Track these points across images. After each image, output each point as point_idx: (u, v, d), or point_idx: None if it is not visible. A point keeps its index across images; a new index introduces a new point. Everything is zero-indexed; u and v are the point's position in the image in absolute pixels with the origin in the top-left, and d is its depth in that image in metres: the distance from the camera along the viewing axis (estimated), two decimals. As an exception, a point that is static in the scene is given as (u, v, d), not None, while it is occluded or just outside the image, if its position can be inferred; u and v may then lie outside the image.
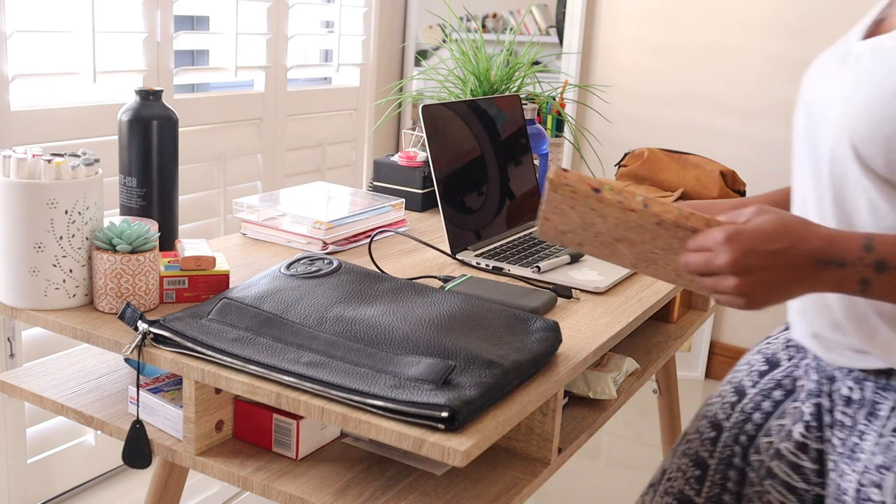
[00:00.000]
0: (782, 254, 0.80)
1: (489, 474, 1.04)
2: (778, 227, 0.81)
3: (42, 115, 1.75)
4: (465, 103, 1.57)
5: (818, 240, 0.81)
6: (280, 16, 2.29)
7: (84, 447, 1.97)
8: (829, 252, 0.81)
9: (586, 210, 0.84)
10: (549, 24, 3.25)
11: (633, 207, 0.82)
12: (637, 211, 0.82)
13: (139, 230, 1.10)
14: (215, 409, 1.04)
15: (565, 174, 0.82)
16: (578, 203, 0.83)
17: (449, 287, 1.22)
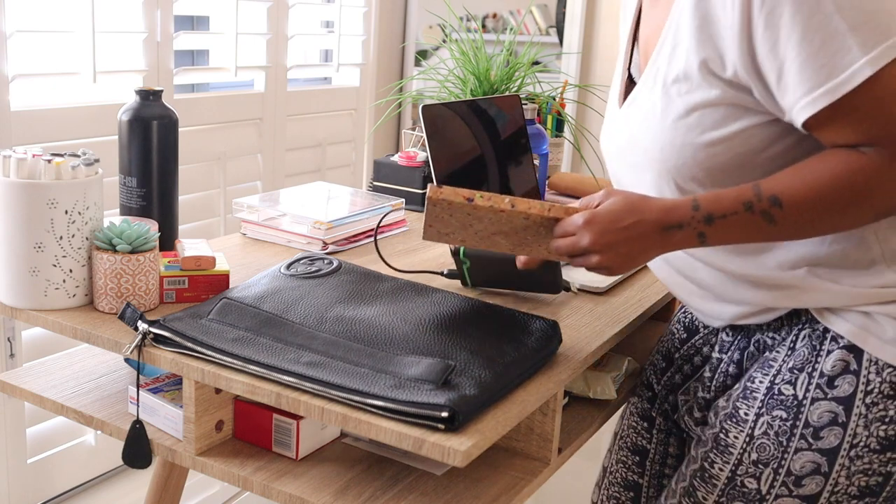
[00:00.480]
0: (632, 227, 0.96)
1: (489, 474, 1.04)
2: (624, 207, 0.97)
3: (42, 115, 1.75)
4: (465, 103, 1.57)
5: (658, 211, 0.97)
6: (280, 16, 2.29)
7: (84, 447, 1.97)
8: (668, 219, 0.96)
9: (463, 215, 0.99)
10: (549, 24, 3.25)
11: (502, 208, 0.97)
12: (506, 211, 0.97)
13: (139, 230, 1.10)
14: (215, 409, 1.04)
15: (440, 190, 0.97)
16: (456, 211, 0.98)
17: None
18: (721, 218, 0.95)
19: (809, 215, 0.94)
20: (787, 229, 0.95)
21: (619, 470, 1.35)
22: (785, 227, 0.95)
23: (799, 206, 0.93)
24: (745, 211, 0.94)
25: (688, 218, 0.96)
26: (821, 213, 0.94)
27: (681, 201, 0.97)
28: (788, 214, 0.94)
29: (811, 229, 0.96)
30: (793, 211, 0.93)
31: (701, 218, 0.95)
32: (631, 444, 1.35)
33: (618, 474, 1.35)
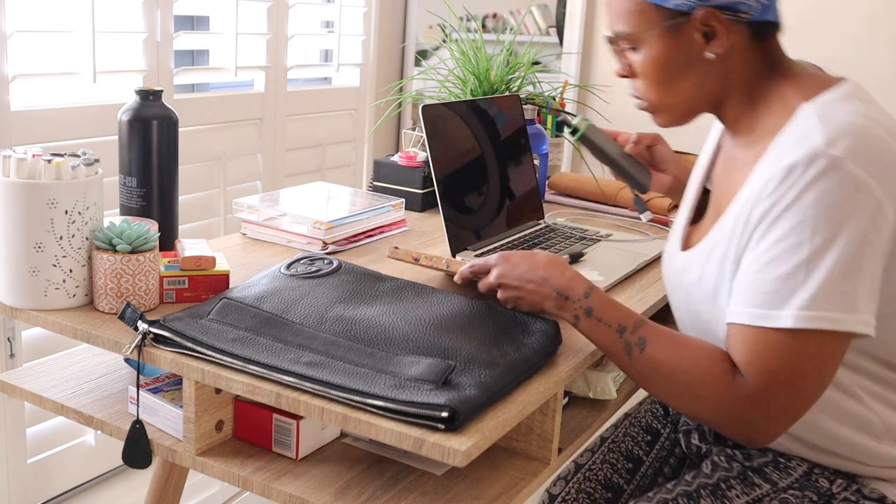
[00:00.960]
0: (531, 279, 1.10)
1: (489, 474, 1.04)
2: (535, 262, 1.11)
3: (42, 115, 1.75)
4: (465, 103, 1.57)
5: (559, 278, 1.09)
6: (280, 16, 2.29)
7: (84, 447, 1.97)
8: (562, 287, 1.08)
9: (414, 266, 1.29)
10: (549, 24, 3.24)
11: (439, 267, 1.23)
12: (442, 269, 1.23)
13: (139, 230, 1.10)
14: (215, 409, 1.04)
15: (396, 251, 1.25)
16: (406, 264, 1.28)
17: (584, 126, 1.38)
18: (597, 320, 1.05)
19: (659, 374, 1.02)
20: (638, 370, 1.04)
21: (604, 470, 1.32)
22: (636, 367, 1.04)
23: (655, 361, 1.02)
24: (616, 331, 1.04)
25: (575, 297, 1.07)
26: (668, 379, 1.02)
27: (583, 281, 1.08)
28: (644, 360, 1.03)
29: (657, 388, 1.04)
30: (649, 360, 1.02)
31: (584, 306, 1.06)
32: (625, 451, 1.33)
33: (601, 473, 1.32)
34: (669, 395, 1.04)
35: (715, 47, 1.05)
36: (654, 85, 1.10)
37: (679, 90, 1.09)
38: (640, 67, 1.10)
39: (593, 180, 1.91)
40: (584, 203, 1.92)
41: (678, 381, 1.01)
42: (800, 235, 0.94)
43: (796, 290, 0.94)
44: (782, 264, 0.95)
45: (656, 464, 1.33)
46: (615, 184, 1.92)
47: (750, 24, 1.06)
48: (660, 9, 1.06)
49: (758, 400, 0.97)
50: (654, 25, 1.06)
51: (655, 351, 1.02)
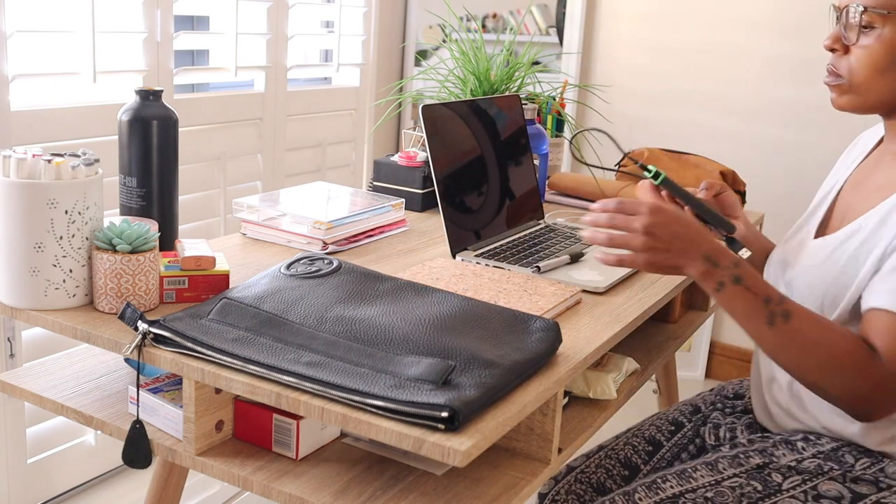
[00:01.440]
0: (684, 237, 1.09)
1: (489, 474, 1.04)
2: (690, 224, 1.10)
3: (42, 115, 1.75)
4: (465, 103, 1.57)
5: (710, 243, 1.10)
6: (280, 16, 2.29)
7: (84, 447, 1.97)
8: (713, 253, 1.09)
9: None
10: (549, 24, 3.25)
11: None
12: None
13: (139, 230, 1.10)
14: (215, 409, 1.04)
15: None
16: None
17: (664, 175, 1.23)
18: (745, 287, 1.08)
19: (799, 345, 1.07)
20: (776, 340, 1.08)
21: (626, 450, 1.42)
22: (777, 337, 1.08)
23: (798, 333, 1.07)
24: (763, 300, 1.07)
25: (725, 264, 1.08)
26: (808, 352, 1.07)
27: (731, 253, 1.11)
28: (786, 331, 1.07)
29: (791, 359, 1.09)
30: (791, 332, 1.07)
31: (732, 274, 1.08)
32: (648, 437, 1.42)
33: (622, 453, 1.41)
34: (806, 368, 1.08)
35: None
36: (871, 67, 1.15)
37: (888, 79, 1.15)
38: (869, 47, 1.14)
39: (593, 180, 1.91)
40: (584, 203, 1.92)
41: (819, 354, 1.06)
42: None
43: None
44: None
45: (675, 449, 1.40)
46: (615, 184, 1.92)
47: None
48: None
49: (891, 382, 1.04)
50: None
51: (800, 323, 1.07)
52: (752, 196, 2.12)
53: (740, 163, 2.69)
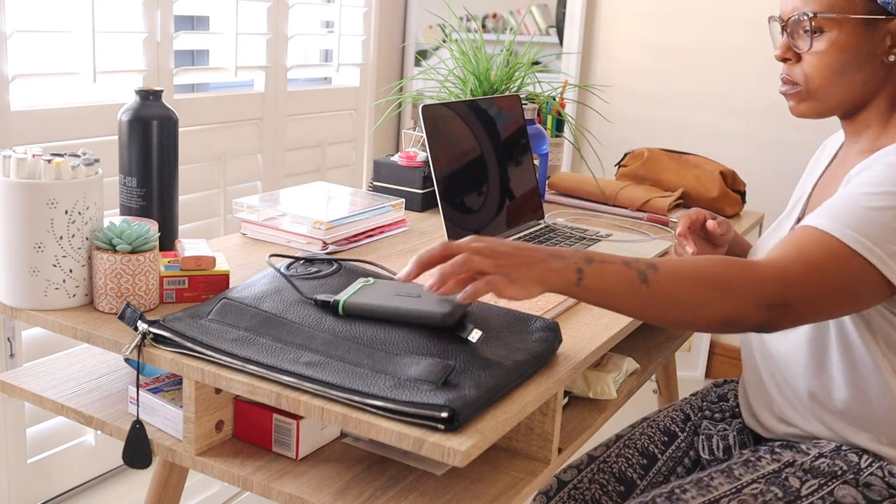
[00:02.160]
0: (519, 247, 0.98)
1: (489, 474, 1.04)
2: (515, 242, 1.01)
3: (42, 115, 1.75)
4: (465, 103, 1.57)
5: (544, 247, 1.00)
6: (280, 16, 2.29)
7: (84, 447, 1.97)
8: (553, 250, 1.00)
9: None
10: (549, 24, 3.24)
11: None
12: None
13: (139, 230, 1.10)
14: (215, 409, 1.04)
15: None
16: None
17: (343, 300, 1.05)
18: (600, 262, 0.98)
19: (682, 288, 0.99)
20: (657, 295, 0.99)
21: (619, 463, 1.36)
22: (656, 292, 0.98)
23: (672, 274, 0.99)
24: (623, 264, 0.99)
25: (569, 254, 0.99)
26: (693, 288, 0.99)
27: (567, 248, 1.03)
28: (661, 281, 0.98)
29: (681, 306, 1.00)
30: (666, 279, 0.99)
31: (583, 257, 0.99)
32: (641, 448, 1.38)
33: (615, 466, 1.36)
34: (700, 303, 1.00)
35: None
36: (825, 69, 1.16)
37: (844, 81, 1.16)
38: (819, 52, 1.15)
39: (593, 180, 1.91)
40: (584, 203, 1.92)
41: (706, 283, 1.00)
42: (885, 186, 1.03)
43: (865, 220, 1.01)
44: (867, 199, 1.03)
45: (670, 462, 1.37)
46: (615, 184, 1.92)
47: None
48: (869, 2, 1.12)
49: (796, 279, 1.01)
50: (855, 14, 1.12)
51: (670, 267, 1.00)
52: (752, 196, 2.12)
53: (740, 163, 2.69)
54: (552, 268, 0.98)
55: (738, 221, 1.88)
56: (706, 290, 1.00)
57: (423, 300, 1.04)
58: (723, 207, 1.89)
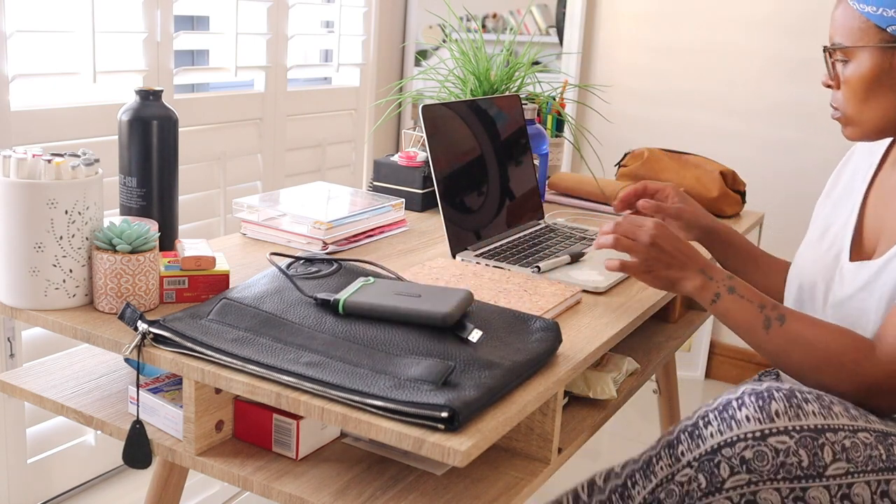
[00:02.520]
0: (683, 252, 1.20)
1: (489, 474, 1.04)
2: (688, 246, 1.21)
3: (42, 115, 1.75)
4: (465, 103, 1.57)
5: (704, 259, 1.20)
6: (280, 16, 2.29)
7: (84, 447, 1.97)
8: (707, 268, 1.19)
9: None
10: (549, 24, 3.24)
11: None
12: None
13: (139, 230, 1.10)
14: (215, 409, 1.04)
15: None
16: None
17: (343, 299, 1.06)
18: (739, 296, 1.16)
19: (797, 347, 1.12)
20: (775, 344, 1.14)
21: None
22: (775, 341, 1.14)
23: (794, 334, 1.12)
24: (758, 307, 1.15)
25: (719, 277, 1.18)
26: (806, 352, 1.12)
27: (721, 268, 1.20)
28: (782, 334, 1.13)
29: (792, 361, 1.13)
30: (788, 334, 1.13)
31: (726, 285, 1.17)
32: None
33: None
34: (807, 367, 1.12)
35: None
36: (853, 98, 1.21)
37: (874, 107, 1.20)
38: (847, 80, 1.21)
39: (593, 180, 1.91)
40: (584, 203, 1.92)
41: (818, 352, 1.11)
42: None
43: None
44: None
45: None
46: (615, 184, 1.92)
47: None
48: (879, 30, 1.17)
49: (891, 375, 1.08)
50: (870, 43, 1.17)
51: (795, 325, 1.13)
52: (752, 196, 2.12)
53: (740, 163, 2.69)
54: (695, 282, 1.18)
55: (738, 221, 1.88)
56: (816, 361, 1.11)
57: (423, 300, 1.04)
58: (723, 207, 1.89)
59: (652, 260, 1.20)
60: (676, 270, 1.19)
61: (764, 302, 1.15)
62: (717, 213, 1.90)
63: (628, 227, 1.22)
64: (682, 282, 1.19)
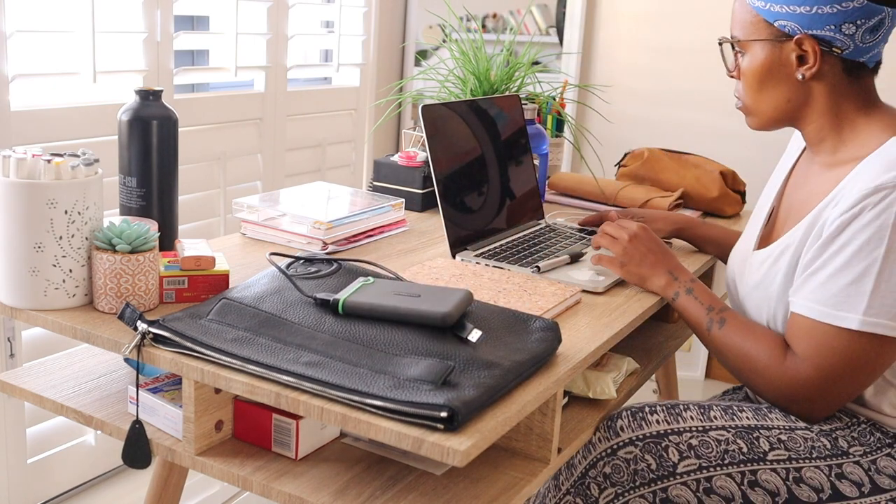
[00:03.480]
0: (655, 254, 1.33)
1: (489, 474, 1.04)
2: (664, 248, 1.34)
3: (42, 115, 1.75)
4: (465, 103, 1.57)
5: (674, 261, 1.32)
6: (280, 16, 2.29)
7: (84, 447, 1.97)
8: (676, 269, 1.31)
9: None
10: (549, 24, 3.24)
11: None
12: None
13: (139, 230, 1.10)
14: (215, 408, 1.04)
15: None
16: None
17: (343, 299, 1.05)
18: (694, 297, 1.27)
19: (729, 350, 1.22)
20: (714, 345, 1.24)
21: None
22: (713, 342, 1.24)
23: (727, 338, 1.22)
24: (706, 309, 1.25)
25: (683, 278, 1.30)
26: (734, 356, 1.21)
27: (688, 270, 1.32)
28: (719, 336, 1.23)
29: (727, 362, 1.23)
30: (722, 337, 1.22)
31: (686, 287, 1.28)
32: None
33: None
34: (737, 372, 1.22)
35: (804, 70, 1.21)
36: (749, 89, 1.27)
37: (768, 98, 1.25)
38: (743, 71, 1.27)
39: (593, 180, 1.91)
40: (584, 203, 1.92)
41: (743, 359, 1.20)
42: (875, 249, 1.09)
43: (864, 296, 1.09)
44: (855, 272, 1.10)
45: None
46: (615, 184, 1.92)
47: (843, 59, 1.20)
48: (768, 25, 1.22)
49: (813, 385, 1.14)
50: (761, 37, 1.22)
51: (730, 330, 1.22)
52: (752, 196, 2.12)
53: (740, 163, 2.69)
54: (661, 281, 1.30)
55: (737, 221, 1.88)
56: (741, 364, 1.21)
57: (423, 300, 1.04)
58: (723, 207, 1.89)
59: (628, 256, 1.32)
60: (647, 268, 1.31)
61: (713, 305, 1.25)
62: (718, 213, 1.90)
63: (614, 227, 1.36)
64: (650, 279, 1.31)
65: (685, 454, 1.16)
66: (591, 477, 1.18)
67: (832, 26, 1.16)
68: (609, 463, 1.18)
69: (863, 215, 1.10)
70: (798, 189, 1.31)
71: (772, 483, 1.13)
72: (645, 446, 1.17)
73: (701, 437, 1.17)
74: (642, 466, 1.16)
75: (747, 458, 1.15)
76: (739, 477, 1.14)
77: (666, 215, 1.61)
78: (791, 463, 1.14)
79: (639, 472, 1.16)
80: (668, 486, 1.15)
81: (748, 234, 1.39)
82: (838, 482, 1.13)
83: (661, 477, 1.16)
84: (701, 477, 1.15)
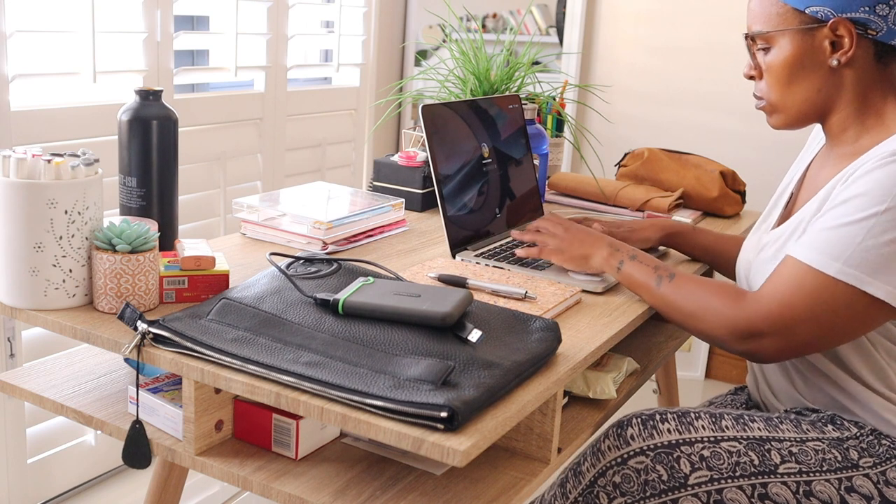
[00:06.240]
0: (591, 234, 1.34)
1: (489, 474, 1.04)
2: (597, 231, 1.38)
3: (42, 115, 1.75)
4: (466, 103, 1.57)
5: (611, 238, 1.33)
6: (280, 16, 2.29)
7: (84, 447, 1.97)
8: (614, 242, 1.32)
9: None
10: (549, 24, 3.24)
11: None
12: None
13: (139, 230, 1.10)
14: (215, 408, 1.04)
15: None
16: None
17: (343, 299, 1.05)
18: (639, 262, 1.27)
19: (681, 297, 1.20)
20: (664, 297, 1.23)
21: None
22: (664, 295, 1.23)
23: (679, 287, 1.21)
24: (653, 268, 1.25)
25: (625, 249, 1.29)
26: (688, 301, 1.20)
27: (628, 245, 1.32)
28: (669, 287, 1.22)
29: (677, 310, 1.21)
30: (673, 287, 1.22)
31: (630, 254, 1.28)
32: None
33: None
34: (688, 315, 1.20)
35: (839, 55, 1.17)
36: (777, 83, 1.23)
37: (799, 91, 1.22)
38: (769, 66, 1.23)
39: (593, 180, 1.91)
40: (584, 203, 1.92)
41: (697, 300, 1.18)
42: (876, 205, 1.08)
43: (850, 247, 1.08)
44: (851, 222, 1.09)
45: None
46: (615, 184, 1.92)
47: (875, 43, 1.17)
48: (798, 13, 1.18)
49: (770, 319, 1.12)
50: (790, 27, 1.19)
51: (681, 280, 1.22)
52: (752, 196, 2.12)
53: (740, 163, 2.69)
54: (603, 254, 1.30)
55: (737, 221, 1.88)
56: (694, 308, 1.19)
57: (423, 300, 1.04)
58: (723, 207, 1.89)
59: (566, 242, 1.34)
60: (588, 247, 1.32)
61: (659, 265, 1.26)
62: (717, 213, 1.90)
63: (545, 221, 1.41)
64: (592, 256, 1.31)
65: (696, 465, 1.14)
66: (600, 486, 1.17)
67: (866, 7, 1.14)
68: (619, 472, 1.16)
69: (872, 172, 1.09)
70: (813, 180, 1.29)
71: (782, 496, 1.12)
72: (656, 456, 1.15)
73: (712, 448, 1.15)
74: (653, 477, 1.15)
75: (758, 470, 1.13)
76: (750, 490, 1.13)
77: (653, 223, 1.55)
78: (801, 476, 1.13)
79: (649, 483, 1.15)
80: (679, 497, 1.14)
81: (763, 225, 1.36)
82: (848, 496, 1.12)
83: (672, 488, 1.14)
84: (712, 489, 1.13)
